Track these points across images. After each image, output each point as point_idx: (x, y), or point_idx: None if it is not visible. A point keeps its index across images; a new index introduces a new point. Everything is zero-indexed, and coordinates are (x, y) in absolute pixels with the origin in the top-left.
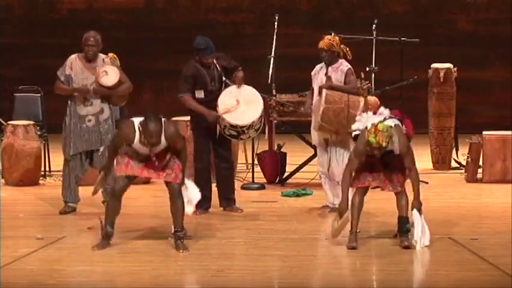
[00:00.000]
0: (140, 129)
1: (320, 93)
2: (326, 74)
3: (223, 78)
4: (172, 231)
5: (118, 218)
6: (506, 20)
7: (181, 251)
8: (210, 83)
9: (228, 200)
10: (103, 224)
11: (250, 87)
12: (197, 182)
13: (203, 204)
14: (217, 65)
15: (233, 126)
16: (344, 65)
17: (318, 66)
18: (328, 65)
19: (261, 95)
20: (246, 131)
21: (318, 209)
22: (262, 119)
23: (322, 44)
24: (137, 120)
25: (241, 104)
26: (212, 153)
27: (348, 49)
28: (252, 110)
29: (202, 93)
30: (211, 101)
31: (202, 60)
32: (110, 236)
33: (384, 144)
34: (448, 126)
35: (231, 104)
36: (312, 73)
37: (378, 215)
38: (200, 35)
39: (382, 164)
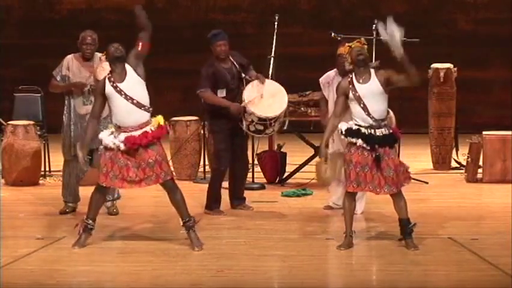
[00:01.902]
0: (110, 72)
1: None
2: None
3: (242, 75)
4: (181, 223)
5: (118, 217)
6: (506, 19)
7: (196, 249)
8: (230, 81)
9: (239, 199)
10: (85, 218)
11: (271, 81)
12: (213, 183)
13: (217, 205)
14: (235, 63)
15: (262, 120)
16: None
17: (330, 74)
18: (344, 74)
19: None
20: (273, 124)
21: (320, 209)
22: (286, 113)
23: (343, 50)
24: None
25: (266, 97)
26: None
27: None
28: (278, 101)
29: (224, 92)
30: (233, 99)
31: (216, 49)
32: (90, 230)
33: (362, 50)
34: (448, 126)
35: (256, 97)
36: (323, 81)
37: (378, 215)
38: (200, 34)
39: (375, 166)
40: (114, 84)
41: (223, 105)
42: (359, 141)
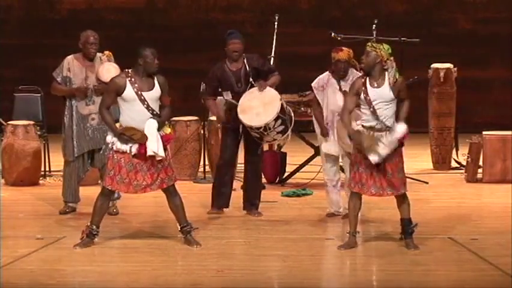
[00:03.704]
0: (130, 72)
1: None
2: (340, 89)
3: (250, 79)
4: (179, 228)
5: (118, 217)
6: (506, 19)
7: (195, 246)
8: (235, 84)
9: (249, 203)
10: (89, 223)
11: (272, 90)
12: (216, 178)
13: (218, 203)
14: (247, 66)
15: (250, 128)
16: (354, 76)
17: (323, 78)
18: (341, 78)
19: None
20: (264, 133)
21: (320, 209)
22: (287, 122)
23: (342, 55)
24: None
25: (257, 105)
26: (238, 154)
27: (356, 62)
28: (267, 112)
29: (229, 94)
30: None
31: (229, 48)
32: (95, 235)
33: (366, 57)
34: (448, 126)
35: (248, 105)
36: (316, 85)
37: (378, 215)
38: (200, 34)
39: (375, 169)
40: (139, 92)
41: (216, 115)
42: None
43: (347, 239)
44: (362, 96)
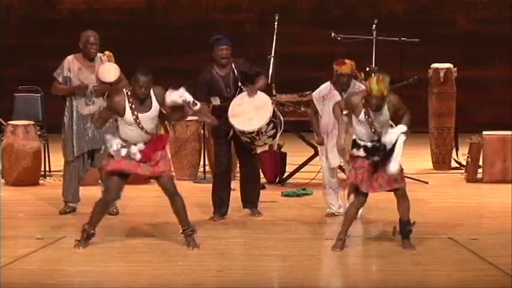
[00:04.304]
0: (129, 93)
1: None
2: None
3: (239, 84)
4: (181, 230)
5: (118, 217)
6: (506, 19)
7: (191, 248)
8: (224, 89)
9: (248, 203)
10: (86, 225)
11: (262, 94)
12: (215, 186)
13: (220, 210)
14: (235, 70)
15: (242, 133)
16: (356, 86)
17: (325, 89)
18: (343, 90)
19: None
20: (256, 138)
21: (320, 209)
22: (277, 126)
23: (345, 69)
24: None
25: (249, 110)
26: (235, 159)
27: (358, 74)
28: (259, 116)
29: (218, 100)
30: (227, 107)
31: (217, 53)
32: (91, 237)
33: (385, 93)
34: (448, 126)
35: (240, 110)
36: (317, 95)
37: (378, 215)
38: (200, 34)
39: (374, 167)
40: (135, 114)
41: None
42: (361, 153)
43: (336, 242)
44: (363, 117)
